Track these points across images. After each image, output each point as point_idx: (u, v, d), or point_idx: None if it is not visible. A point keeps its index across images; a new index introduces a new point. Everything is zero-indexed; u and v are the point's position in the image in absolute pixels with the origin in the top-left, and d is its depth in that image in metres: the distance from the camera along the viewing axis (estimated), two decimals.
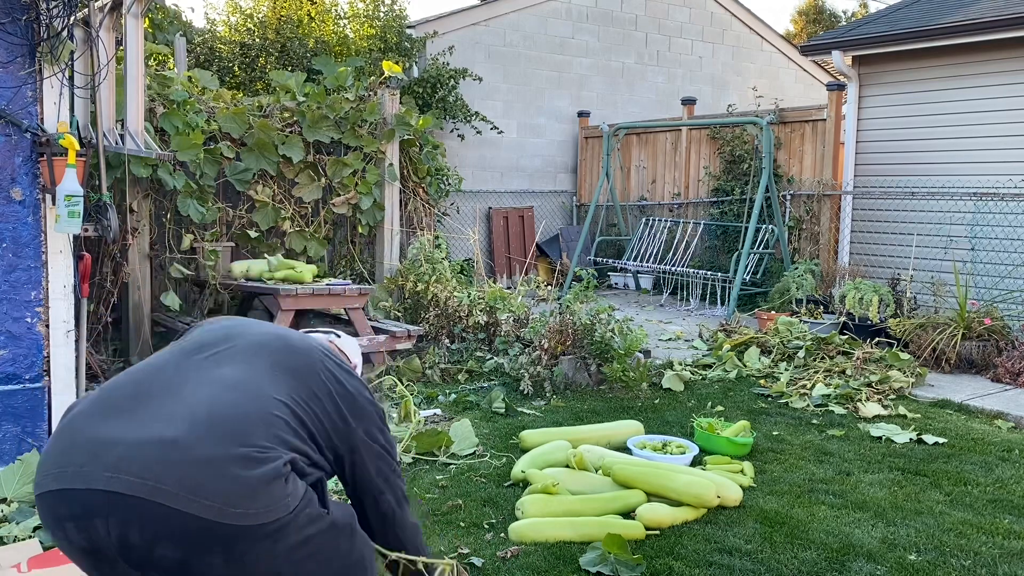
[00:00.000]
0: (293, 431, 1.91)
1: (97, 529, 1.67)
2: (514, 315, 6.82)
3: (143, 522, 1.66)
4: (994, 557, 3.44)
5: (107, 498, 1.66)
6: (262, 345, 2.07)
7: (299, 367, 2.06)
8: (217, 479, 1.69)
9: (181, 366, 1.96)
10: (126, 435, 1.72)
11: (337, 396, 2.10)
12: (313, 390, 2.04)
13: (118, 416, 1.78)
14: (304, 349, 2.14)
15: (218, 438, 1.75)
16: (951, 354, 6.66)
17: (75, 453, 1.73)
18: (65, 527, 1.71)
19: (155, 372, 1.94)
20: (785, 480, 4.30)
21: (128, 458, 1.68)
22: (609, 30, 12.84)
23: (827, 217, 9.43)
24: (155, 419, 1.76)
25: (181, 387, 1.86)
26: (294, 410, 1.94)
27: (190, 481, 1.67)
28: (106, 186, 5.08)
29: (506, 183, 12.13)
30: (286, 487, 1.79)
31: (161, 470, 1.67)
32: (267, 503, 1.74)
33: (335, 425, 2.08)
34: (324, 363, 2.14)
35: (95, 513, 1.67)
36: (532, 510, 3.67)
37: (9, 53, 4.29)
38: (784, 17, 51.20)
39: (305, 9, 10.86)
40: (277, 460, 1.79)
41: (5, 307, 4.35)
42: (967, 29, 7.97)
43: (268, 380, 1.95)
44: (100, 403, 1.84)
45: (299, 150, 7.00)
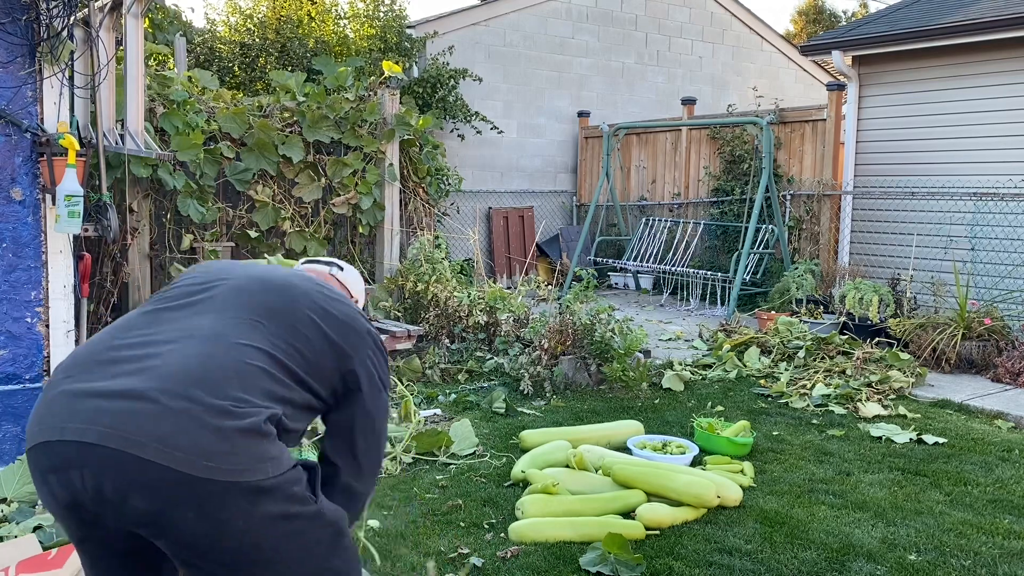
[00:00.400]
0: (274, 379, 1.85)
1: (74, 481, 1.68)
2: (514, 315, 6.82)
3: (115, 472, 1.65)
4: (994, 557, 3.44)
5: (81, 449, 1.66)
6: (240, 289, 2.00)
7: (280, 306, 1.98)
8: (189, 430, 1.67)
9: (158, 318, 1.92)
10: (99, 388, 1.73)
11: (325, 328, 2.00)
12: (297, 328, 1.96)
13: (93, 370, 1.78)
14: (285, 286, 2.05)
15: (191, 390, 1.72)
16: (951, 354, 6.66)
17: (55, 407, 1.74)
18: (48, 480, 1.73)
19: (132, 326, 1.92)
20: (785, 480, 4.30)
21: (101, 410, 1.69)
22: (609, 30, 12.84)
23: (827, 217, 9.43)
24: (128, 372, 1.75)
25: (156, 340, 1.84)
26: (274, 356, 1.88)
27: (161, 432, 1.66)
28: (106, 186, 5.08)
29: (506, 183, 12.13)
30: (265, 447, 1.74)
31: (132, 421, 1.67)
32: (243, 460, 1.69)
33: (326, 359, 1.99)
34: (309, 296, 2.04)
35: (72, 464, 1.68)
36: (532, 510, 3.68)
37: (9, 53, 4.29)
38: (784, 17, 51.21)
39: (305, 9, 10.86)
40: (255, 415, 1.74)
41: (5, 307, 4.35)
42: (967, 29, 7.97)
43: (244, 327, 1.89)
44: (80, 359, 1.84)
45: (299, 150, 7.00)
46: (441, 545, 3.46)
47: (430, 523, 3.68)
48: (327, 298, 2.09)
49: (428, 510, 3.82)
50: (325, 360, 1.99)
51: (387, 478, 4.21)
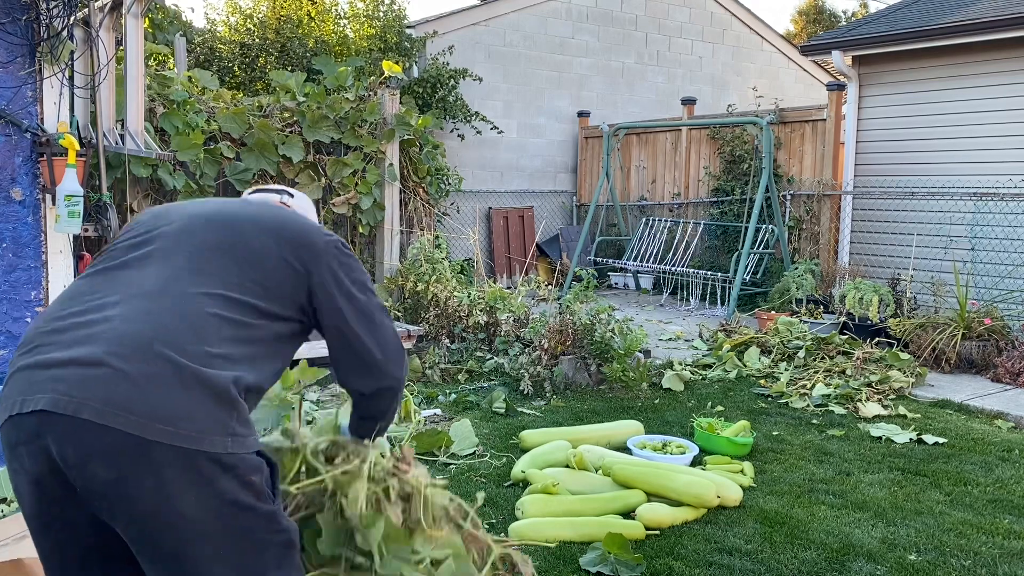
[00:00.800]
0: (233, 323, 1.79)
1: (41, 452, 1.67)
2: (514, 315, 6.82)
3: (77, 439, 1.63)
4: (994, 557, 3.44)
5: (42, 418, 1.65)
6: (184, 232, 1.93)
7: (228, 240, 1.91)
8: (143, 393, 1.63)
9: (104, 279, 1.87)
10: (55, 357, 1.71)
11: (278, 249, 1.92)
12: (248, 259, 1.89)
13: (47, 342, 1.76)
14: (231, 218, 1.97)
15: (143, 350, 1.68)
16: (951, 354, 6.66)
17: (14, 384, 1.74)
18: (17, 452, 1.71)
19: (79, 292, 1.87)
20: (785, 480, 4.30)
21: (56, 378, 1.67)
22: (609, 30, 12.84)
23: (827, 217, 9.43)
24: (80, 340, 1.72)
25: (104, 303, 1.79)
26: (229, 296, 1.81)
27: (116, 396, 1.63)
28: (106, 186, 5.08)
29: (506, 183, 12.13)
30: (225, 416, 1.68)
31: (87, 386, 1.64)
32: (202, 426, 1.64)
33: (286, 279, 1.91)
34: (257, 222, 1.96)
35: (34, 435, 1.66)
36: (532, 510, 3.67)
37: (9, 53, 4.29)
38: (784, 17, 51.22)
39: (305, 9, 10.86)
40: (214, 376, 1.69)
41: (5, 307, 4.35)
42: (967, 29, 7.97)
43: (194, 273, 1.83)
44: (32, 334, 1.83)
45: (299, 150, 7.00)
46: None
47: None
48: (277, 218, 2.01)
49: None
50: (285, 282, 1.91)
51: None
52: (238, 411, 1.72)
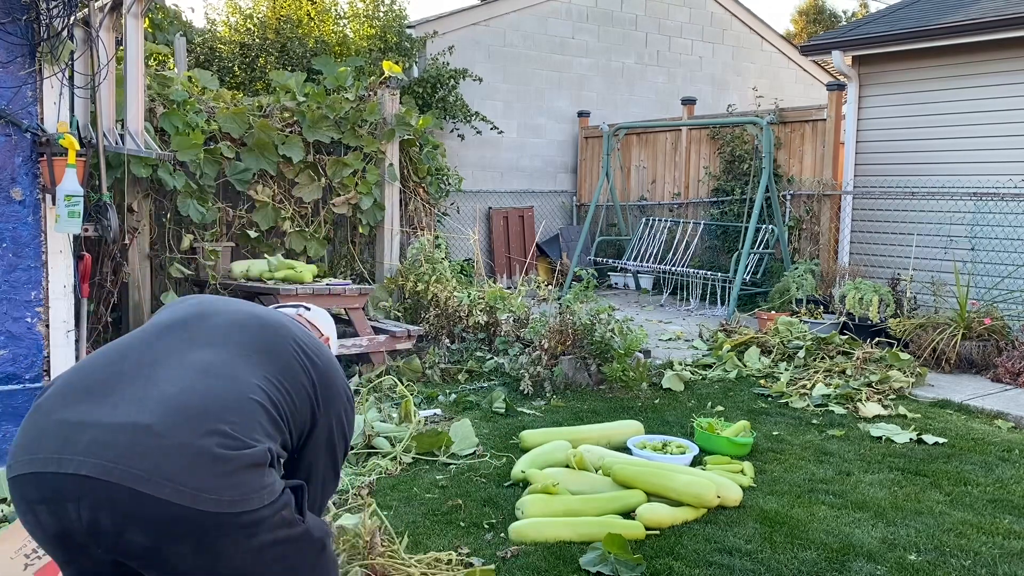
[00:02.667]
0: (269, 416, 1.86)
1: (68, 513, 1.66)
2: (514, 315, 6.82)
3: (114, 506, 1.64)
4: (994, 557, 3.44)
5: (79, 482, 1.64)
6: (234, 324, 2.01)
7: (273, 346, 2.00)
8: (192, 465, 1.67)
9: (153, 348, 1.90)
10: (98, 419, 1.70)
11: (310, 372, 2.03)
12: (286, 368, 1.98)
13: (90, 399, 1.75)
14: (276, 326, 2.07)
15: (193, 424, 1.71)
16: (951, 354, 6.66)
17: (46, 436, 1.71)
18: (36, 511, 1.70)
19: (127, 354, 1.89)
20: (785, 480, 4.30)
21: (100, 442, 1.66)
22: (609, 30, 12.84)
23: (827, 217, 9.43)
24: (128, 403, 1.73)
25: (153, 370, 1.82)
26: (269, 394, 1.89)
27: (164, 466, 1.65)
28: (106, 186, 5.08)
29: (506, 183, 12.13)
30: (263, 478, 1.75)
31: (134, 454, 1.65)
32: (243, 491, 1.70)
33: (305, 405, 2.01)
34: (297, 340, 2.06)
35: (66, 497, 1.65)
36: (532, 510, 3.67)
37: (9, 53, 4.29)
38: (784, 17, 51.21)
39: (305, 9, 10.86)
40: (255, 447, 1.76)
41: (5, 307, 4.35)
42: (967, 29, 7.97)
43: (242, 363, 1.90)
44: (72, 385, 1.81)
45: (299, 150, 7.00)
46: (441, 545, 3.46)
47: (430, 523, 3.68)
48: (310, 344, 2.11)
49: (428, 510, 3.82)
50: (304, 403, 2.01)
51: (387, 478, 4.22)
52: (267, 470, 1.79)
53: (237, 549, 1.71)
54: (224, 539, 1.69)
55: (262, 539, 1.74)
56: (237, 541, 1.71)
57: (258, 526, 1.73)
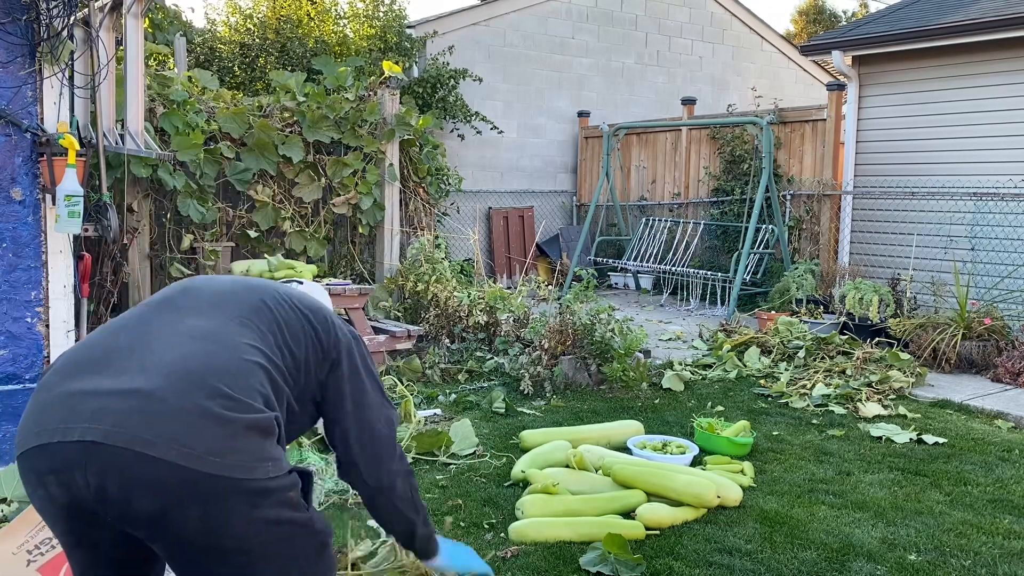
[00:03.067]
0: (268, 376, 1.88)
1: (76, 481, 1.67)
2: (514, 315, 6.82)
3: (121, 471, 1.65)
4: (994, 557, 3.44)
5: (85, 448, 1.65)
6: (222, 292, 2.04)
7: (267, 304, 2.02)
8: (196, 427, 1.68)
9: (148, 321, 1.93)
10: (100, 387, 1.72)
11: (308, 321, 2.05)
12: (284, 325, 2.00)
13: (92, 371, 1.77)
14: (262, 287, 2.10)
15: (194, 387, 1.73)
16: (951, 354, 6.66)
17: (52, 409, 1.73)
18: (46, 482, 1.71)
19: (122, 330, 1.91)
20: (785, 480, 4.30)
21: (105, 408, 1.68)
22: (609, 30, 12.84)
23: (827, 217, 9.44)
24: (129, 371, 1.75)
25: (150, 340, 1.84)
26: (265, 352, 1.91)
27: (168, 429, 1.66)
28: (106, 186, 5.08)
29: (506, 183, 12.13)
30: (269, 448, 1.76)
31: (139, 419, 1.66)
32: (247, 457, 1.71)
33: (311, 353, 2.03)
34: (283, 294, 2.09)
35: (74, 465, 1.66)
36: (532, 510, 3.67)
37: (9, 53, 4.29)
38: (784, 17, 51.22)
39: (305, 9, 10.86)
40: (260, 414, 1.77)
41: (5, 307, 4.35)
42: (967, 29, 7.97)
43: (235, 326, 1.92)
44: (72, 361, 1.83)
45: (299, 150, 7.00)
46: None
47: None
48: (297, 295, 2.13)
49: (428, 510, 3.81)
50: (310, 351, 2.03)
51: None
52: (279, 439, 1.81)
53: (240, 518, 1.72)
54: (228, 504, 1.70)
55: (266, 513, 1.74)
56: (242, 511, 1.71)
57: (262, 497, 1.73)
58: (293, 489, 1.82)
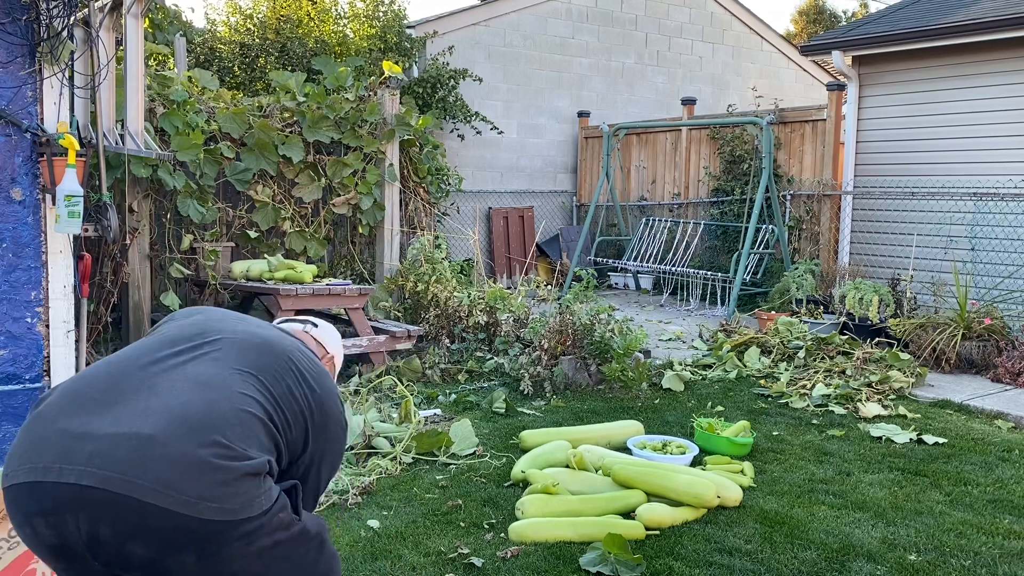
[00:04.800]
0: (267, 430, 1.87)
1: (67, 525, 1.65)
2: (514, 315, 6.82)
3: (115, 518, 1.64)
4: (994, 557, 3.44)
5: (79, 492, 1.64)
6: (237, 343, 2.00)
7: (274, 365, 1.99)
8: (193, 474, 1.68)
9: (154, 361, 1.91)
10: (99, 429, 1.70)
11: (309, 400, 2.02)
12: (285, 390, 1.97)
13: (90, 410, 1.75)
14: (279, 350, 2.05)
15: (194, 435, 1.72)
16: (951, 354, 6.66)
17: (46, 446, 1.70)
18: (34, 522, 1.69)
19: (127, 366, 1.89)
20: (785, 480, 4.30)
21: (101, 453, 1.66)
22: (609, 30, 12.84)
23: (827, 217, 9.43)
24: (128, 415, 1.73)
25: (154, 383, 1.83)
26: (267, 409, 1.90)
27: (166, 476, 1.65)
28: (106, 186, 5.08)
29: (506, 183, 12.13)
30: (261, 486, 1.77)
31: (135, 465, 1.65)
32: (243, 500, 1.72)
33: (299, 429, 2.00)
34: (298, 364, 2.04)
35: (65, 508, 1.65)
36: (532, 510, 3.68)
37: (9, 53, 4.29)
38: (784, 17, 51.23)
39: (305, 9, 10.86)
40: (254, 459, 1.78)
41: (5, 307, 4.35)
42: (968, 29, 7.97)
43: (241, 379, 1.90)
44: (71, 396, 1.80)
45: (299, 150, 7.00)
46: (441, 545, 3.46)
47: (430, 523, 3.68)
48: (312, 370, 2.08)
49: (428, 510, 3.82)
50: (299, 428, 1.99)
51: (387, 478, 4.22)
52: (264, 479, 1.81)
53: (239, 557, 1.73)
54: (225, 548, 1.71)
55: (261, 544, 1.76)
56: (238, 550, 1.73)
57: (257, 533, 1.75)
58: (284, 510, 1.83)
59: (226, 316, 2.18)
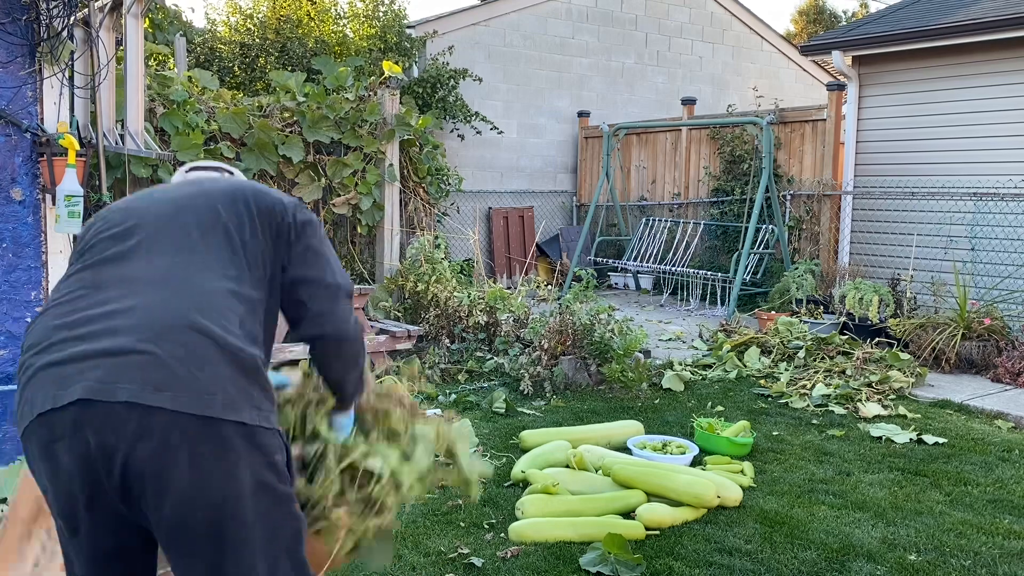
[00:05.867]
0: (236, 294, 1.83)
1: (82, 443, 1.67)
2: (514, 315, 6.82)
3: (115, 424, 1.65)
4: (994, 557, 3.44)
5: (80, 408, 1.66)
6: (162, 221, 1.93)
7: (205, 218, 1.92)
8: (178, 370, 1.67)
9: (101, 278, 1.85)
10: (80, 351, 1.71)
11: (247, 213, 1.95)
12: (225, 230, 1.90)
13: (68, 341, 1.75)
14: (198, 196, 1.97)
15: (175, 330, 1.71)
16: (951, 354, 6.66)
17: (39, 383, 1.73)
18: (53, 451, 1.71)
19: (78, 292, 1.85)
20: (785, 480, 4.30)
21: (89, 368, 1.68)
22: (609, 30, 12.84)
23: (827, 217, 9.43)
24: (103, 333, 1.73)
25: (112, 298, 1.79)
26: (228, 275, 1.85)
27: (152, 376, 1.66)
28: (106, 186, 5.08)
29: (506, 183, 12.13)
30: (255, 390, 1.74)
31: (121, 372, 1.67)
32: (235, 396, 1.69)
33: (266, 241, 1.95)
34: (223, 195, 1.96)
35: (76, 426, 1.67)
36: (532, 510, 3.68)
37: (9, 53, 4.29)
38: (784, 17, 51.24)
39: (305, 9, 10.86)
40: (244, 351, 1.75)
41: (5, 307, 4.35)
42: (968, 29, 7.97)
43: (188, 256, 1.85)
44: (45, 335, 1.80)
45: (299, 150, 7.00)
46: (441, 545, 3.46)
47: (430, 523, 3.68)
48: (234, 187, 2.02)
49: (428, 510, 3.82)
50: (258, 240, 1.94)
51: None
52: (263, 386, 1.78)
53: (226, 467, 1.68)
54: (213, 450, 1.67)
55: (252, 469, 1.71)
56: (226, 456, 1.68)
57: (247, 448, 1.70)
58: (279, 453, 1.78)
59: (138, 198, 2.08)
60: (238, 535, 1.72)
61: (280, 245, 1.98)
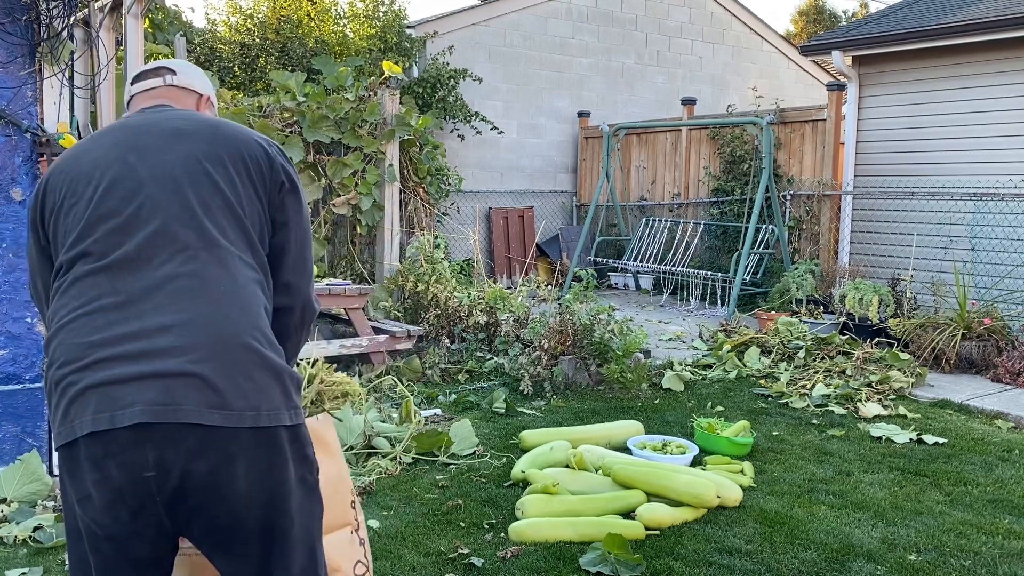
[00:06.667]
0: (262, 288, 1.87)
1: (136, 460, 1.69)
2: (514, 315, 6.82)
3: (174, 443, 1.68)
4: (994, 557, 3.44)
5: (140, 431, 1.68)
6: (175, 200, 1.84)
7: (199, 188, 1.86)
8: (227, 387, 1.71)
9: (121, 282, 1.80)
10: (129, 372, 1.71)
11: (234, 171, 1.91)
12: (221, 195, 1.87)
13: (108, 357, 1.73)
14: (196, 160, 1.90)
15: (218, 347, 1.74)
16: (951, 354, 6.66)
17: (89, 401, 1.72)
18: (105, 465, 1.71)
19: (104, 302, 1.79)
20: (785, 480, 4.30)
21: (144, 390, 1.70)
22: (609, 30, 12.85)
23: (827, 217, 9.44)
24: (151, 355, 1.72)
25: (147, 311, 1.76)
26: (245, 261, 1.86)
27: (205, 397, 1.70)
28: None
29: (506, 183, 12.13)
30: (290, 389, 1.80)
31: (176, 393, 1.70)
32: (277, 402, 1.76)
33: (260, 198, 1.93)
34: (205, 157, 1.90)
35: (133, 445, 1.69)
36: (532, 510, 3.68)
37: (9, 53, 4.29)
38: (784, 17, 51.25)
39: (305, 9, 10.86)
40: (277, 358, 1.81)
41: (5, 307, 4.35)
42: (968, 29, 7.97)
43: (220, 259, 1.82)
44: (81, 350, 1.76)
45: (299, 150, 7.00)
46: (441, 545, 3.46)
47: (430, 523, 3.68)
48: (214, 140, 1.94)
49: (428, 510, 3.82)
50: (254, 205, 1.93)
51: (387, 478, 4.22)
52: (294, 380, 1.83)
53: (279, 467, 1.75)
54: (266, 455, 1.73)
55: (297, 463, 1.78)
56: (275, 459, 1.75)
57: (290, 447, 1.77)
58: (310, 446, 1.85)
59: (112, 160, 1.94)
60: (284, 529, 1.79)
61: (272, 201, 1.98)
